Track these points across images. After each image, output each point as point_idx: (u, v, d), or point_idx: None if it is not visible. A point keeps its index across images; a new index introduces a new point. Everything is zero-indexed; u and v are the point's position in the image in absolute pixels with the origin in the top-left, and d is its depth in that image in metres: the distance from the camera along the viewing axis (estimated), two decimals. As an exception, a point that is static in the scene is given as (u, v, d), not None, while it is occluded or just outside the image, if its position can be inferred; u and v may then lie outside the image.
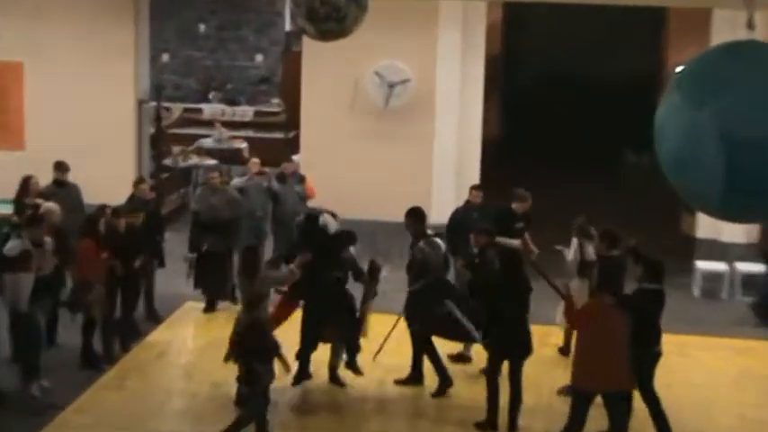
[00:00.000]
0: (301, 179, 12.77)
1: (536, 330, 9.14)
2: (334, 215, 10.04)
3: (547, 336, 10.54)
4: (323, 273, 9.31)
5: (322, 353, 9.66)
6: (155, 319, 11.40)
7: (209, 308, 11.73)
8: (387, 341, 9.71)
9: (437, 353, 9.63)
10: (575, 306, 8.40)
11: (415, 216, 9.67)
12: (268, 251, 11.85)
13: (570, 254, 10.08)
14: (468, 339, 9.46)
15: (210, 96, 21.01)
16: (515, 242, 10.58)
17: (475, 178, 13.30)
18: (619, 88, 21.12)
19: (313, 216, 9.94)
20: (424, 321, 9.35)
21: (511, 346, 8.73)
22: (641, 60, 20.95)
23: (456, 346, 10.11)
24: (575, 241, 10.09)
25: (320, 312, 9.34)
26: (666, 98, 5.37)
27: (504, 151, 20.35)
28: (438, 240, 9.56)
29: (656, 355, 8.58)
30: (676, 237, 14.75)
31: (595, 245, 9.84)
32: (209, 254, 11.40)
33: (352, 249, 9.75)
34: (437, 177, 13.75)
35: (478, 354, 9.70)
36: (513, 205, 10.77)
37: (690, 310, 12.27)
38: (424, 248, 9.44)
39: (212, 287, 11.57)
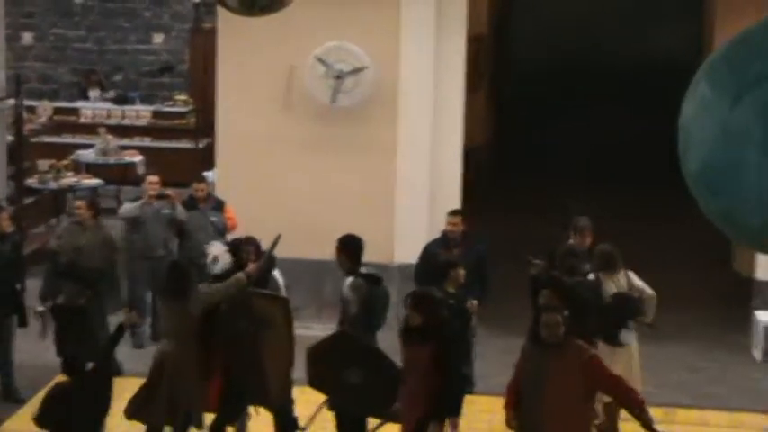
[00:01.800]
0: (218, 205, 12.83)
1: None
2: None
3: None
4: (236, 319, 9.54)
5: None
6: (14, 399, 11.32)
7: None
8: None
9: None
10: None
11: (347, 247, 9.91)
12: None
13: None
14: (381, 414, 9.54)
15: (91, 92, 20.99)
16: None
17: (454, 201, 13.38)
18: (648, 75, 21.29)
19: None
20: (334, 390, 9.50)
21: None
22: (677, 37, 21.17)
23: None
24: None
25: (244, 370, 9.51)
26: (694, 91, 5.35)
27: (494, 163, 20.46)
28: (361, 282, 9.74)
29: None
30: (727, 278, 14.94)
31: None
32: (67, 308, 11.26)
33: (277, 276, 10.13)
34: (402, 200, 13.76)
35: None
36: (572, 241, 10.87)
37: (747, 379, 12.37)
38: (345, 292, 9.71)
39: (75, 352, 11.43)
